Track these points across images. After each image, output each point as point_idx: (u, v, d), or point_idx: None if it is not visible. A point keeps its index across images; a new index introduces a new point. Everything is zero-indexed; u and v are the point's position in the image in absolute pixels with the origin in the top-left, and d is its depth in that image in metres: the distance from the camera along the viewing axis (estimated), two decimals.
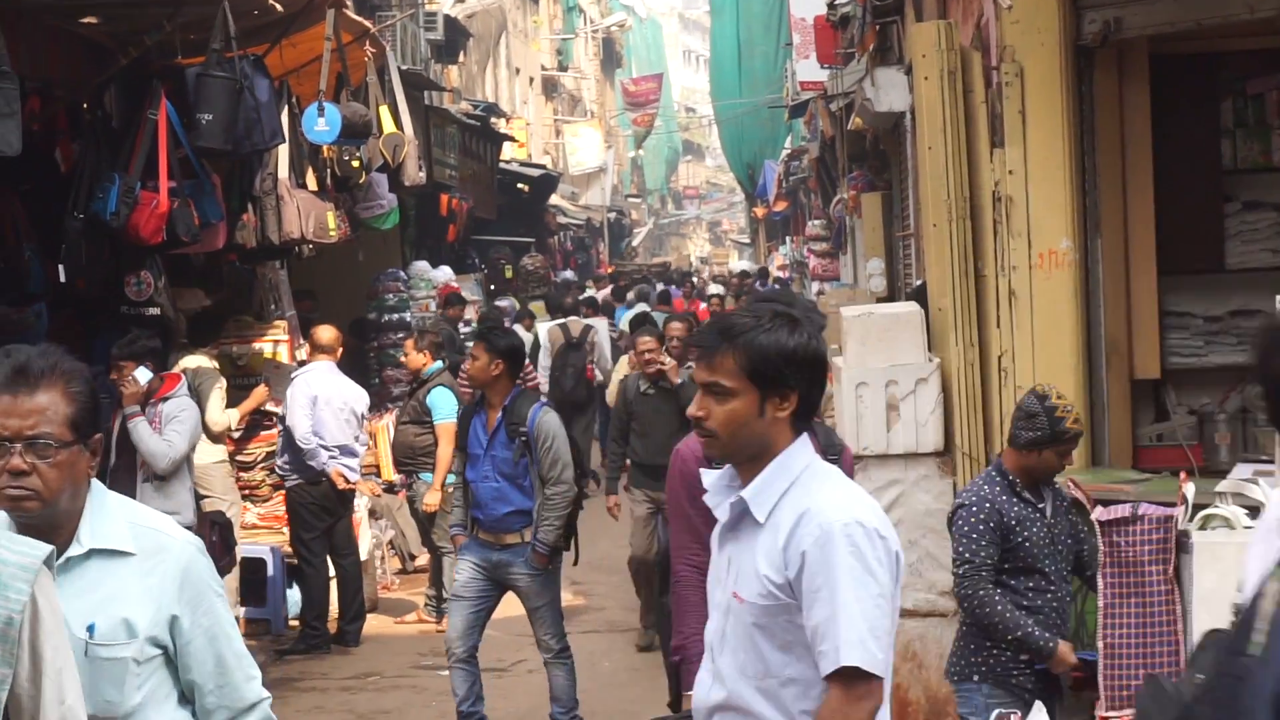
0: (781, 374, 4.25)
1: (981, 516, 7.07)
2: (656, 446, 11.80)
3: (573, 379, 19.51)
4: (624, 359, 15.66)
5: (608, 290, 32.33)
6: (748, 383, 4.26)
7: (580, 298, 25.56)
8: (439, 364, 13.35)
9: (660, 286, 32.03)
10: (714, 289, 28.91)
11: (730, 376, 4.26)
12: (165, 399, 10.64)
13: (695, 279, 44.58)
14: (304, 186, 14.26)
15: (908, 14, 14.71)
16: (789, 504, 4.26)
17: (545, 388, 19.08)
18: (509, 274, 30.68)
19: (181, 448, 10.55)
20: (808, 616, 4.16)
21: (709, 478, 4.55)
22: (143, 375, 10.42)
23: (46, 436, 3.94)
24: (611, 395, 14.88)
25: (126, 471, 10.47)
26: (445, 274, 22.75)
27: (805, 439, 4.37)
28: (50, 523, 3.99)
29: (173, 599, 4.09)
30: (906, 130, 15.74)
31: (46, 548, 3.71)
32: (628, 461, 12.85)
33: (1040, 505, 7.20)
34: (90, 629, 4.01)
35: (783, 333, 4.26)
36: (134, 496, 7.70)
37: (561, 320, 21.00)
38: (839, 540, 4.14)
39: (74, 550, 4.04)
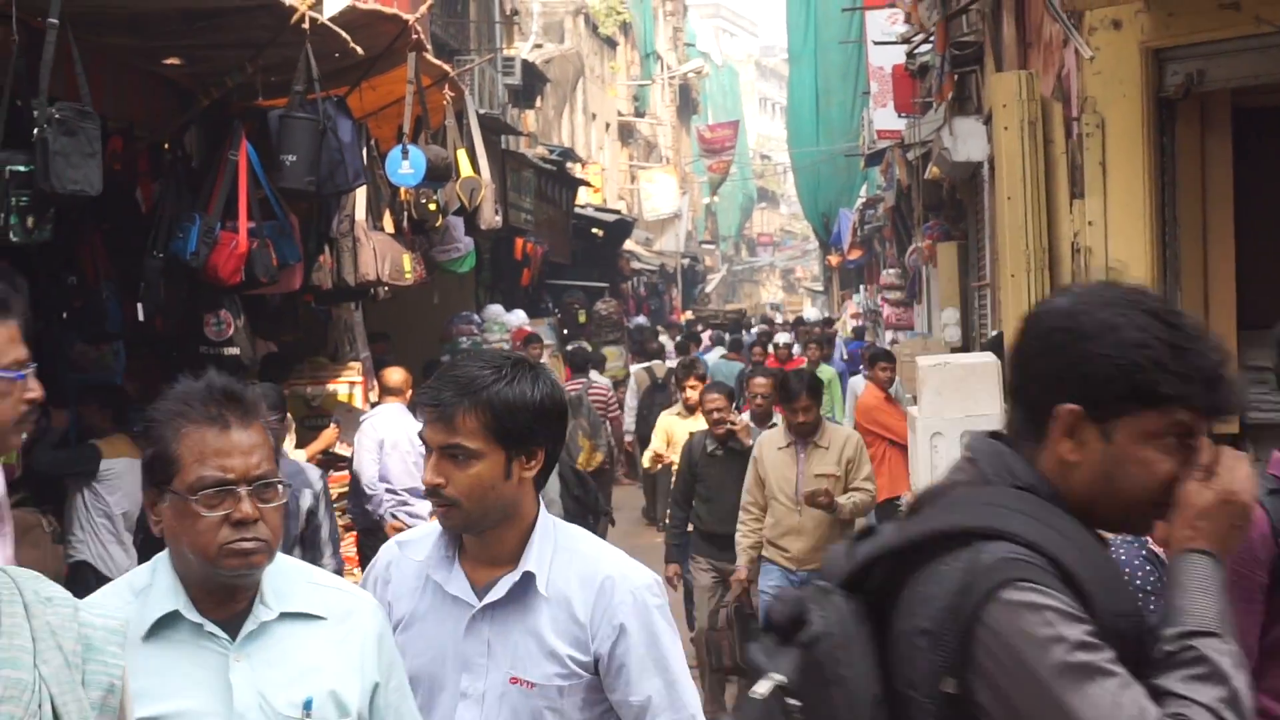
0: (530, 430, 3.84)
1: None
2: (724, 513, 11.22)
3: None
4: (666, 414, 14.78)
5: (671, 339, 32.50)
6: (493, 442, 3.81)
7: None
8: None
9: (729, 336, 31.80)
10: (782, 337, 28.22)
11: (473, 437, 3.79)
12: None
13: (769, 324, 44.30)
14: (381, 229, 14.32)
15: (987, 64, 14.71)
16: (564, 571, 3.91)
17: (631, 426, 20.75)
18: (583, 319, 30.68)
19: None
20: (633, 689, 3.89)
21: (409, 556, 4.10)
22: None
23: (269, 475, 3.43)
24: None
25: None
26: (519, 318, 22.83)
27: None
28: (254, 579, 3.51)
29: (373, 667, 3.60)
30: (984, 180, 15.70)
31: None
32: (691, 527, 11.89)
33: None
34: (307, 705, 3.49)
35: (526, 384, 3.84)
36: None
37: (647, 364, 22.70)
38: (653, 606, 3.92)
39: (263, 614, 3.49)
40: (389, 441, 12.41)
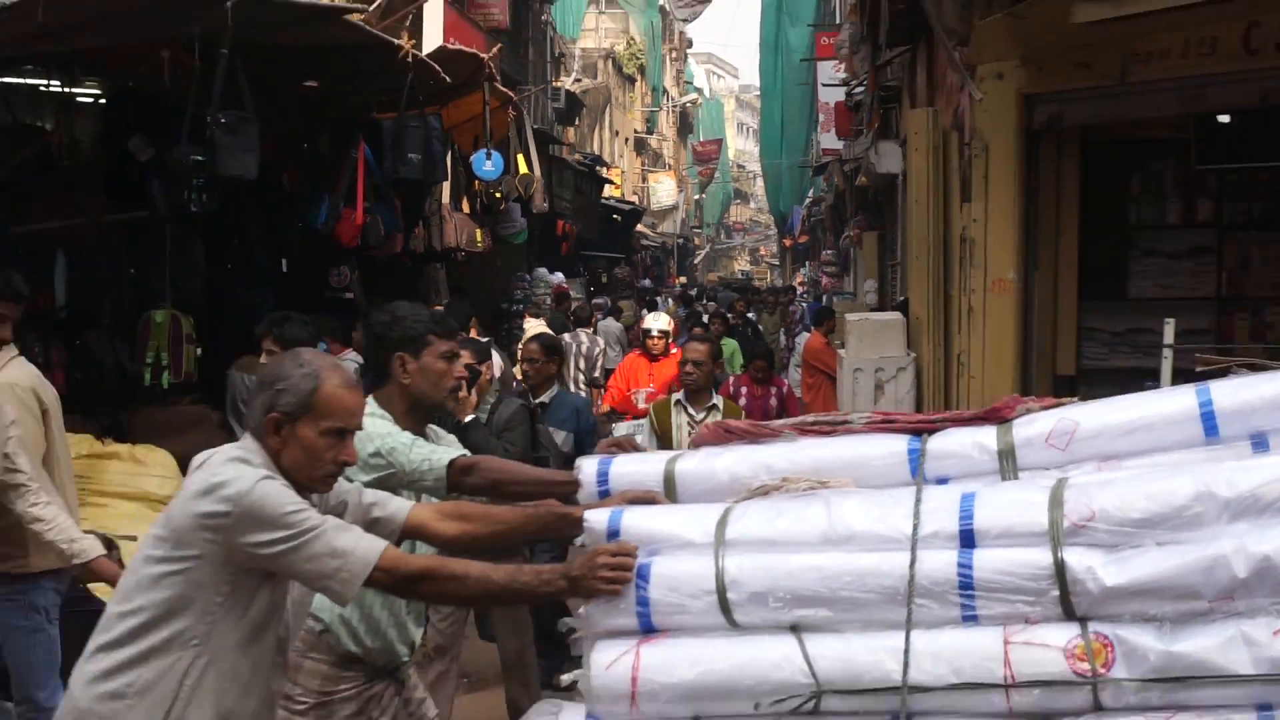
0: None
1: None
2: None
3: None
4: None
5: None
6: None
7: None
8: None
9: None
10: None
11: None
12: None
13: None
14: (460, 210, 14.33)
15: (904, 102, 14.64)
16: None
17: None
18: (604, 280, 30.86)
19: None
20: None
21: None
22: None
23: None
24: None
25: None
26: (558, 277, 22.81)
27: None
28: None
29: None
30: (899, 187, 15.66)
31: None
32: None
33: None
34: None
35: None
36: None
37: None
38: None
39: None
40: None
